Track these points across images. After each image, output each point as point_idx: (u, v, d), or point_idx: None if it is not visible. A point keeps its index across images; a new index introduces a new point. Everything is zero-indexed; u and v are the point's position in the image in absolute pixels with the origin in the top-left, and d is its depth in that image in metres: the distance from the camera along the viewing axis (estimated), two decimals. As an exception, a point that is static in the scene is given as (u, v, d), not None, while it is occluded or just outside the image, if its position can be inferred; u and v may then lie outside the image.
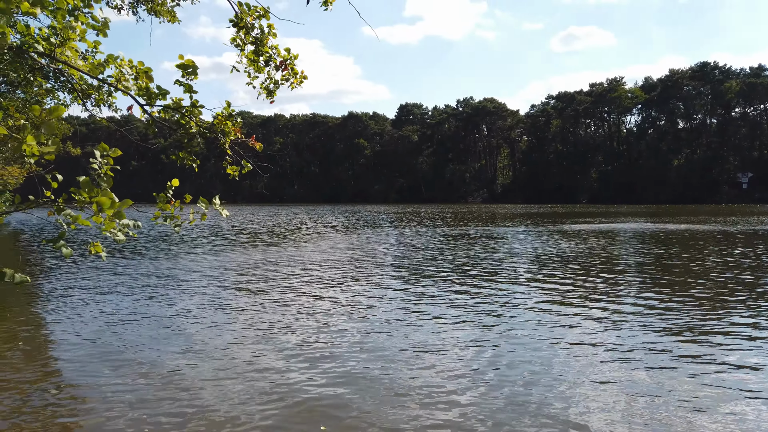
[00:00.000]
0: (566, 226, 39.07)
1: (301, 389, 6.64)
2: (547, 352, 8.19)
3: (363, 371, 7.30)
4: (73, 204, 3.76)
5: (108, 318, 10.52)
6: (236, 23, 6.80)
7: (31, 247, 26.13)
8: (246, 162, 7.02)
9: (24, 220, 48.17)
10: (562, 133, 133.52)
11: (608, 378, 7.02)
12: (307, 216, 59.42)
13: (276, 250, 23.70)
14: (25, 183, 38.64)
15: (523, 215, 57.94)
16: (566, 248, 23.14)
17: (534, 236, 29.97)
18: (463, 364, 7.64)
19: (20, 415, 5.92)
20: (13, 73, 8.07)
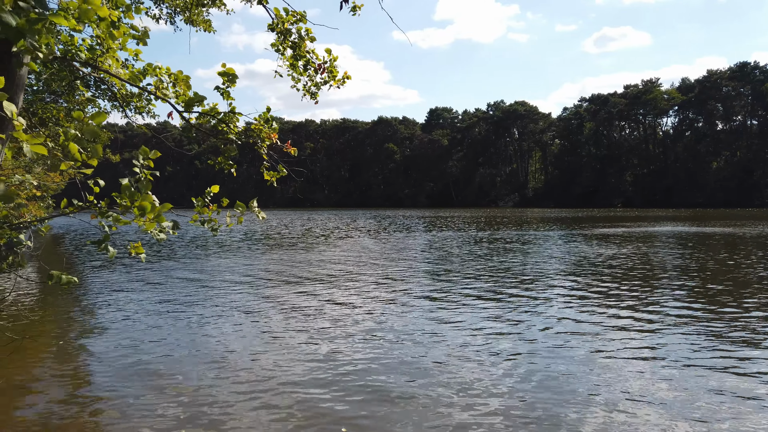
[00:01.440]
0: (601, 230, 38.26)
1: (327, 398, 6.63)
2: (582, 363, 7.99)
3: (391, 380, 7.26)
4: (115, 208, 3.84)
5: (142, 320, 10.73)
6: (274, 28, 6.87)
7: (71, 250, 26.93)
8: (282, 167, 7.07)
9: (65, 224, 49.73)
10: (596, 136, 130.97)
11: (649, 393, 6.80)
12: (339, 220, 59.72)
13: (309, 254, 23.87)
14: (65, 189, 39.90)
15: (557, 219, 57.02)
16: (603, 253, 22.65)
17: (568, 241, 29.44)
18: (495, 373, 7.52)
19: (51, 417, 6.07)
20: (57, 82, 8.33)
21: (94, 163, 3.41)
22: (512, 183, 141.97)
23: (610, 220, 55.18)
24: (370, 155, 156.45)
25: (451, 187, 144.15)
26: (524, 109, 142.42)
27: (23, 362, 7.91)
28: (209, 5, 8.33)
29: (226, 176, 15.24)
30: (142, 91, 7.44)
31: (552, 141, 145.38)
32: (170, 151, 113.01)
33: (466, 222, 52.95)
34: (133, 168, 3.84)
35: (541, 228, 42.31)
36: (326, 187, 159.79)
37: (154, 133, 10.43)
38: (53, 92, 10.02)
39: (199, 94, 6.70)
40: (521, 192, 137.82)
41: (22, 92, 4.65)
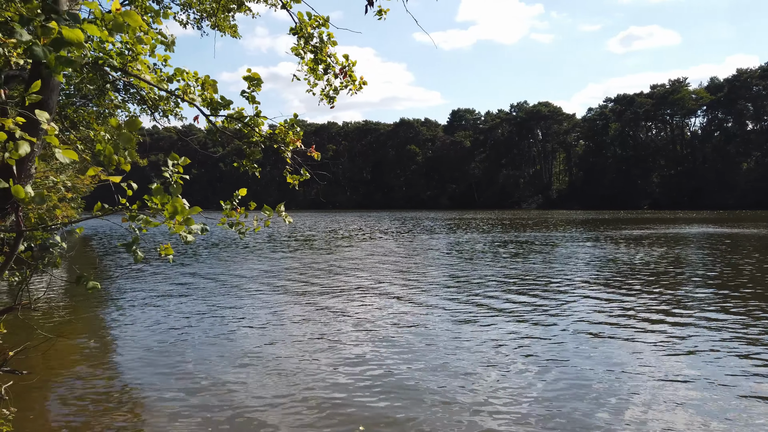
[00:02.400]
0: (629, 232, 37.64)
1: (350, 398, 6.66)
2: (612, 368, 7.88)
3: (413, 383, 7.25)
4: (146, 210, 3.93)
5: (168, 319, 10.91)
6: (296, 32, 6.95)
7: (101, 251, 27.52)
8: (305, 170, 7.14)
9: (93, 225, 50.81)
10: (621, 137, 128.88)
11: (680, 398, 6.68)
12: (362, 222, 59.88)
13: (333, 256, 24.00)
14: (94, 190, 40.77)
15: (583, 221, 56.28)
16: (631, 256, 22.29)
17: (595, 243, 29.04)
18: (522, 378, 7.46)
19: (83, 413, 6.21)
20: (89, 86, 8.54)
21: (127, 168, 3.50)
22: (536, 184, 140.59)
23: (637, 222, 54.25)
24: (392, 157, 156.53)
25: (474, 188, 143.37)
26: (548, 110, 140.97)
27: (57, 360, 8.12)
28: (235, 10, 8.45)
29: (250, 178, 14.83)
30: (169, 95, 7.59)
31: (576, 142, 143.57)
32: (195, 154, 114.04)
33: (489, 224, 52.62)
34: (163, 172, 3.93)
35: (566, 230, 41.81)
36: (348, 189, 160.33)
37: (180, 136, 10.63)
38: (84, 96, 10.29)
39: (225, 98, 6.81)
40: (545, 193, 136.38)
41: (56, 96, 4.79)
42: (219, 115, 6.76)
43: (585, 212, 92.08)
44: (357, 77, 7.39)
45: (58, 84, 4.63)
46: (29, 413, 5.99)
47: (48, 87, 4.43)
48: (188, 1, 8.71)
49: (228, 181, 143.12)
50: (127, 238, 4.33)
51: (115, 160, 3.51)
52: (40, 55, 2.48)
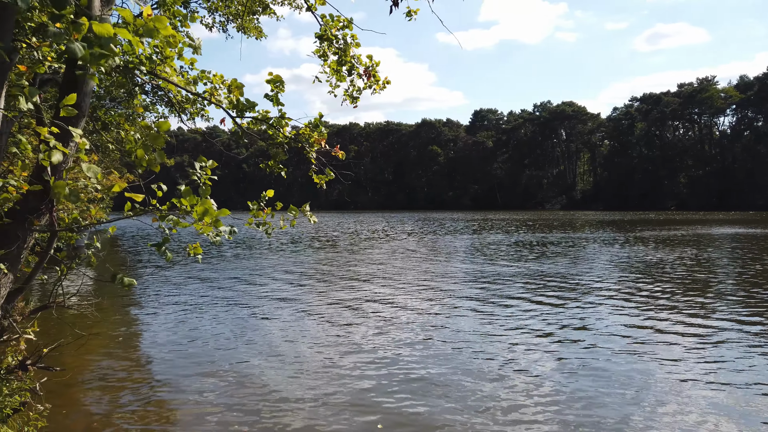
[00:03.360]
0: (655, 233, 36.96)
1: (369, 395, 6.68)
2: (636, 373, 7.77)
3: (434, 381, 7.24)
4: (175, 211, 4.00)
5: (195, 317, 11.09)
6: (321, 35, 7.00)
7: (129, 250, 28.08)
8: (329, 170, 7.19)
9: (121, 225, 51.81)
10: (647, 137, 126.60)
11: (707, 403, 6.55)
12: (386, 223, 59.95)
13: (357, 256, 24.08)
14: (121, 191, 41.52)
15: (609, 222, 55.44)
16: (659, 257, 21.91)
17: (623, 244, 28.59)
18: (545, 380, 7.40)
19: (114, 409, 6.35)
20: (118, 90, 8.73)
21: (156, 169, 3.57)
22: (559, 185, 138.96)
23: (664, 223, 53.23)
24: (413, 157, 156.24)
25: (496, 189, 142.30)
26: (572, 110, 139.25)
27: (88, 357, 8.32)
28: (260, 13, 8.55)
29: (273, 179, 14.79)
30: (196, 98, 7.71)
31: (601, 142, 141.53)
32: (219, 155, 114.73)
33: (514, 225, 52.20)
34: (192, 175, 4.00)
35: (593, 231, 41.24)
36: (370, 190, 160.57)
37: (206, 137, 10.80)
38: (113, 98, 10.51)
39: (250, 100, 6.90)
40: (569, 194, 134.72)
41: (89, 99, 4.91)
42: (245, 117, 6.85)
43: (610, 213, 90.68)
44: (381, 77, 7.42)
45: (92, 88, 4.74)
46: (62, 409, 6.15)
47: (81, 91, 4.54)
48: (214, 4, 8.84)
49: (251, 182, 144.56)
50: (156, 238, 4.42)
51: (146, 161, 3.59)
52: (75, 50, 2.55)
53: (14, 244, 4.54)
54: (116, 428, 5.78)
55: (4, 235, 4.62)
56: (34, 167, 4.70)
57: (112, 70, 6.63)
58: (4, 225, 4.48)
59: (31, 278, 4.64)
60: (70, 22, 2.76)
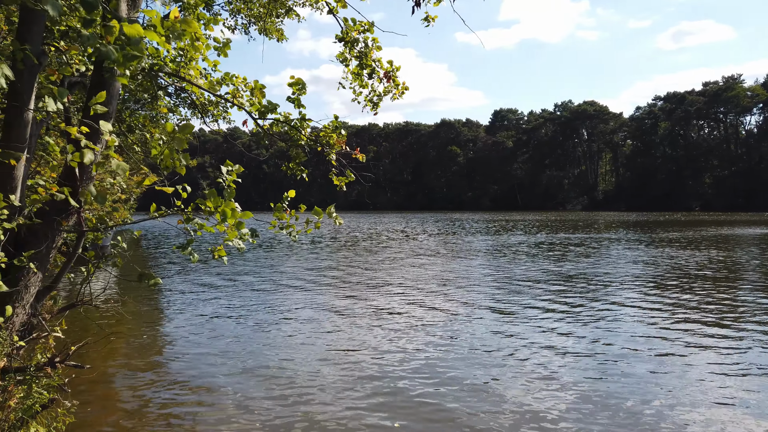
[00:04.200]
0: (679, 234, 36.31)
1: (387, 394, 6.68)
2: (660, 380, 7.65)
3: (451, 380, 7.21)
4: (200, 213, 4.06)
5: (219, 317, 11.21)
6: (342, 38, 7.03)
7: (151, 250, 28.51)
8: (350, 172, 7.21)
9: (143, 226, 52.64)
10: (671, 136, 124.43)
11: (736, 420, 6.41)
12: (406, 223, 59.93)
13: (377, 257, 24.12)
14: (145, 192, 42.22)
15: (633, 223, 54.64)
16: (685, 259, 21.53)
17: (648, 245, 28.16)
18: (563, 381, 7.32)
19: (139, 407, 6.45)
20: (143, 93, 8.87)
21: (182, 171, 3.62)
22: (581, 185, 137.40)
23: (689, 224, 52.27)
24: (432, 158, 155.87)
25: (516, 189, 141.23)
26: (594, 109, 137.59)
27: (114, 355, 8.47)
28: (283, 15, 8.61)
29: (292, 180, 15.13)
30: (219, 99, 7.80)
31: (623, 142, 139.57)
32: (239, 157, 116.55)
33: (536, 226, 51.77)
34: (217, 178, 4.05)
35: (615, 232, 40.68)
36: (389, 191, 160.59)
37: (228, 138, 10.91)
38: (137, 100, 10.68)
39: (272, 102, 6.95)
40: (590, 195, 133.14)
41: (116, 100, 5.00)
42: (267, 119, 6.91)
43: (633, 214, 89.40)
44: (400, 82, 7.42)
45: (118, 90, 4.83)
46: (88, 406, 6.27)
47: (109, 93, 4.63)
48: (237, 7, 8.93)
49: (271, 183, 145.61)
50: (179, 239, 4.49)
51: (171, 163, 3.64)
52: (109, 53, 2.60)
53: (43, 244, 4.65)
54: (141, 425, 5.87)
55: (34, 235, 4.73)
56: (62, 168, 4.81)
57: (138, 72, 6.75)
58: (34, 225, 4.59)
59: (59, 277, 4.74)
60: (101, 26, 2.81)
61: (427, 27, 6.62)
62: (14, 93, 4.39)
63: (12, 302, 4.58)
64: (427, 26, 6.61)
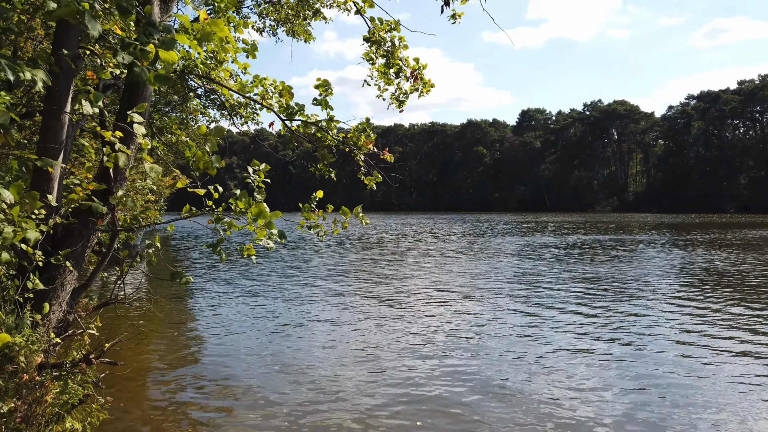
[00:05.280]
0: (716, 236, 35.35)
1: (410, 393, 6.65)
2: (694, 389, 7.45)
3: (474, 383, 7.14)
4: (230, 213, 4.11)
5: (247, 315, 11.33)
6: (369, 38, 7.04)
7: (181, 250, 29.02)
8: (377, 173, 7.21)
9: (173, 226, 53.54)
10: (705, 136, 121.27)
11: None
12: (432, 224, 59.77)
13: (405, 259, 24.10)
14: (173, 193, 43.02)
15: (669, 225, 53.43)
16: (721, 262, 20.96)
17: (683, 248, 27.51)
18: (589, 388, 7.19)
19: (170, 404, 6.55)
20: (173, 95, 9.03)
21: (213, 173, 3.67)
22: (610, 186, 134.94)
23: (724, 226, 50.86)
24: (458, 158, 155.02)
25: (544, 190, 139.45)
26: (624, 109, 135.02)
27: (146, 352, 8.64)
28: (310, 17, 8.67)
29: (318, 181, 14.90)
30: (248, 101, 7.89)
31: (655, 142, 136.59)
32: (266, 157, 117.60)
33: (566, 227, 51.05)
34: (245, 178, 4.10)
35: (648, 234, 39.85)
36: (414, 191, 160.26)
37: (257, 140, 11.03)
38: (168, 103, 10.88)
39: (299, 104, 7.01)
40: (620, 196, 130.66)
41: (148, 104, 5.10)
42: (295, 120, 6.96)
43: (665, 216, 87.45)
44: (427, 80, 7.40)
45: (150, 93, 4.92)
46: (120, 402, 6.40)
47: (142, 96, 4.72)
48: (265, 9, 9.02)
49: (297, 183, 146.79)
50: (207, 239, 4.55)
51: (203, 164, 3.69)
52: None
53: (79, 242, 4.76)
54: (172, 422, 5.97)
55: (70, 234, 4.84)
56: (97, 169, 4.92)
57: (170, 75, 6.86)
58: (70, 224, 4.70)
59: (94, 275, 4.85)
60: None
61: (454, 24, 6.58)
62: (51, 96, 4.52)
63: (49, 300, 4.71)
64: (453, 23, 6.58)
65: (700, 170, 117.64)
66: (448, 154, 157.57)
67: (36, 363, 4.18)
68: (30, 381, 4.12)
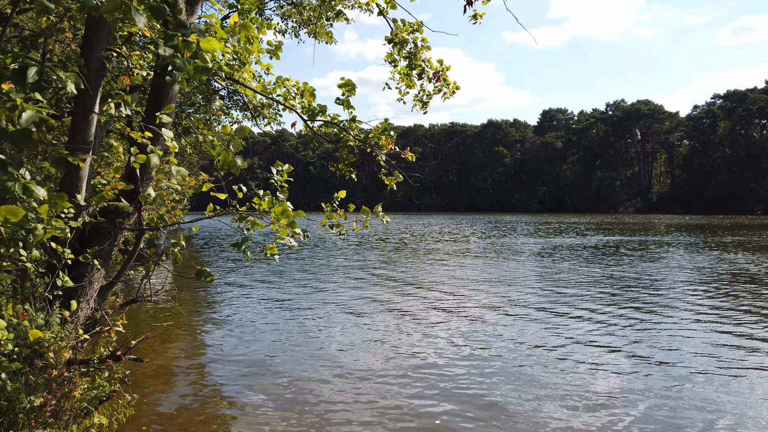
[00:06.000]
0: (742, 238, 34.57)
1: (428, 402, 6.63)
2: (715, 394, 7.30)
3: (495, 388, 7.09)
4: (253, 212, 4.15)
5: (269, 315, 11.42)
6: (391, 39, 7.05)
7: (203, 249, 29.37)
8: (398, 173, 7.22)
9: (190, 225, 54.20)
10: (731, 136, 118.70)
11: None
12: (453, 225, 59.55)
13: (425, 260, 24.06)
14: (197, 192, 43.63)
15: (694, 227, 52.45)
16: (749, 266, 20.50)
17: (712, 250, 26.97)
18: (610, 397, 7.08)
19: (194, 401, 6.63)
20: (198, 96, 9.15)
21: (237, 173, 3.71)
22: (633, 187, 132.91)
23: (752, 227, 49.70)
24: (479, 159, 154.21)
25: (565, 191, 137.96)
26: (648, 108, 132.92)
27: (170, 349, 8.76)
28: (333, 19, 8.71)
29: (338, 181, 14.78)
30: (271, 102, 7.96)
31: (680, 142, 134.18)
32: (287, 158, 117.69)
33: (590, 228, 50.44)
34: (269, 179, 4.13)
35: (674, 235, 39.16)
36: (434, 192, 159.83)
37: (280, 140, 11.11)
38: (192, 104, 11.03)
39: (321, 105, 7.04)
40: (644, 197, 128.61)
41: (175, 104, 5.18)
42: (317, 120, 7.00)
43: (690, 217, 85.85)
44: (451, 81, 7.38)
45: (176, 93, 4.99)
46: (144, 398, 6.50)
47: (169, 97, 4.79)
48: (288, 11, 9.09)
49: (317, 184, 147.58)
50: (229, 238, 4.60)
51: (227, 166, 3.73)
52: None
53: (106, 241, 4.85)
54: (197, 420, 6.04)
55: (97, 233, 4.94)
56: (125, 169, 5.01)
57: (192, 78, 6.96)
58: (98, 223, 4.79)
59: (121, 273, 4.94)
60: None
61: (475, 24, 6.55)
62: (80, 97, 4.61)
63: (77, 297, 4.81)
64: (474, 24, 6.55)
65: (727, 171, 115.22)
66: (468, 154, 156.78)
67: (64, 359, 4.28)
68: (59, 376, 4.21)
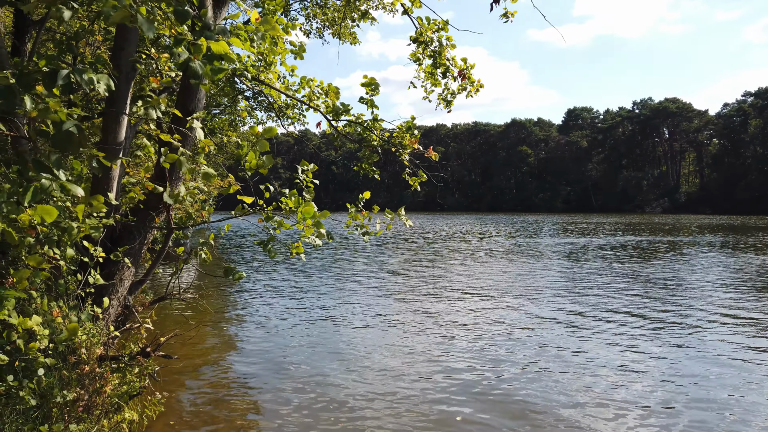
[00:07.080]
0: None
1: (447, 400, 6.59)
2: (746, 398, 7.11)
3: (513, 395, 7.02)
4: (280, 212, 4.19)
5: (294, 314, 11.51)
6: (416, 38, 7.04)
7: (229, 247, 29.74)
8: (422, 172, 7.21)
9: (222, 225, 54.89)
10: (763, 135, 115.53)
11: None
12: (478, 225, 59.24)
13: (448, 261, 23.99)
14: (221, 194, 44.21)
15: (727, 227, 51.23)
16: (773, 267, 19.96)
17: (743, 253, 26.33)
18: (635, 407, 6.96)
19: (222, 398, 6.72)
20: (223, 98, 9.27)
21: (264, 172, 3.75)
22: (661, 187, 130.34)
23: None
24: (502, 158, 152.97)
25: (591, 191, 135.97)
26: (676, 107, 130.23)
27: (199, 346, 8.90)
28: (358, 19, 8.74)
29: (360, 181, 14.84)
30: (295, 102, 8.02)
31: (709, 141, 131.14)
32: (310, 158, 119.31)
33: (620, 229, 49.66)
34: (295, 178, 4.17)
35: (705, 236, 38.30)
36: (456, 192, 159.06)
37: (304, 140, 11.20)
38: (217, 105, 11.19)
39: (345, 104, 7.07)
40: (671, 197, 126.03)
41: (202, 104, 5.25)
42: (341, 120, 7.04)
43: (720, 217, 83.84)
44: (475, 79, 7.34)
45: (204, 95, 5.07)
46: (173, 394, 6.61)
47: (196, 97, 4.86)
48: (313, 12, 9.15)
49: (340, 184, 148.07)
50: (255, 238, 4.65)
51: (255, 165, 3.77)
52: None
53: (137, 239, 4.95)
54: (222, 416, 6.12)
55: (128, 232, 5.04)
56: (155, 169, 5.10)
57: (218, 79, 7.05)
58: (128, 222, 4.89)
59: (150, 271, 5.04)
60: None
61: (506, 23, 6.50)
62: (111, 99, 4.71)
63: (108, 294, 4.91)
64: (506, 22, 6.50)
65: (758, 170, 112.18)
66: (492, 153, 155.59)
67: (96, 355, 4.37)
68: (90, 372, 4.31)
